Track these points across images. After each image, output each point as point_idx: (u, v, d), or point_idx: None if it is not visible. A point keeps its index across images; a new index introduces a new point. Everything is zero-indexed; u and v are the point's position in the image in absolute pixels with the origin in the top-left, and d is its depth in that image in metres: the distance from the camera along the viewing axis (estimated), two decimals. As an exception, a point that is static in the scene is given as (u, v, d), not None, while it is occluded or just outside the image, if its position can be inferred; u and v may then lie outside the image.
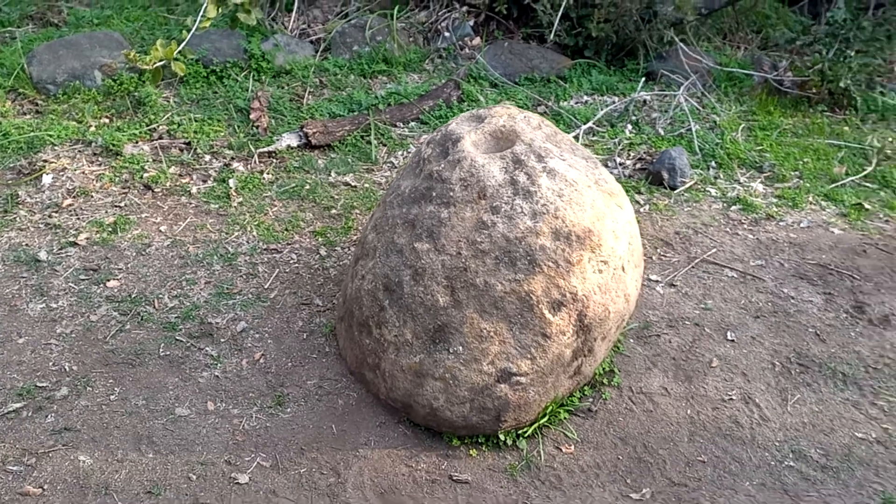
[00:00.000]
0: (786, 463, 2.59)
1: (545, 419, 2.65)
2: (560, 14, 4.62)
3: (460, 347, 2.50)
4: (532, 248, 2.43)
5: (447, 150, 2.66)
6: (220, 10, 4.14)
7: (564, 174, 2.51)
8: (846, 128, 4.37)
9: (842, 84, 4.36)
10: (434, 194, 2.58)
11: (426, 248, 2.53)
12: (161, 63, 4.00)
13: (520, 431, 2.64)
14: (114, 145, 4.00)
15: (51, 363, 2.91)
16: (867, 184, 3.95)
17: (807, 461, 2.59)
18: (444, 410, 2.56)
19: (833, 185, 3.90)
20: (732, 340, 3.02)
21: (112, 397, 2.80)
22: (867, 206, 3.77)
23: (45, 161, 3.90)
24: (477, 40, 4.78)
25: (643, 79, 4.61)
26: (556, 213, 2.44)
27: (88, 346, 2.99)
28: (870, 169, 4.03)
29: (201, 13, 4.03)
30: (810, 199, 3.82)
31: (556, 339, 2.49)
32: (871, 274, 3.33)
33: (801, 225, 3.63)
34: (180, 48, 3.98)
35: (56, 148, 4.00)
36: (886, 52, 4.49)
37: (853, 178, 3.97)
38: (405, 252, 2.57)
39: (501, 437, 2.61)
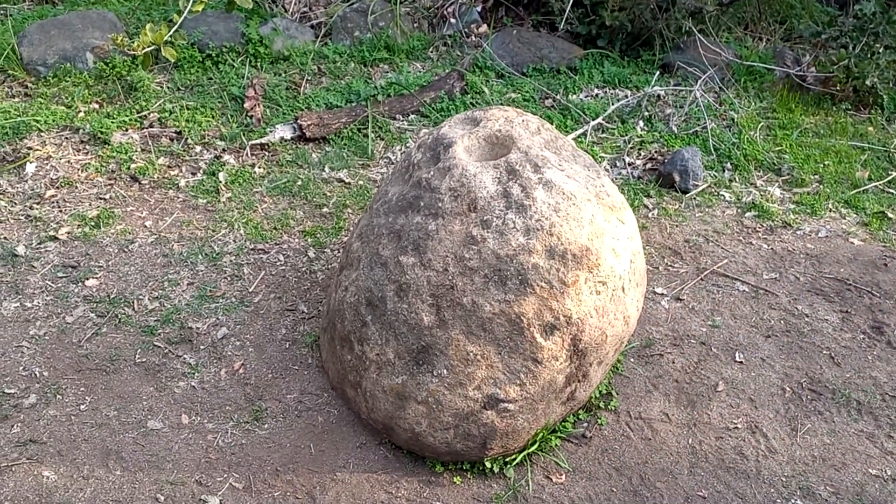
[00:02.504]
0: (792, 501, 2.41)
1: (535, 446, 2.49)
2: (572, 1, 4.40)
3: (445, 370, 2.33)
4: (524, 268, 2.26)
5: (438, 156, 2.48)
6: (214, -8, 3.95)
7: (562, 186, 2.33)
8: (871, 128, 4.14)
9: (868, 82, 4.13)
10: (422, 204, 2.40)
11: (412, 262, 2.35)
12: (151, 48, 3.83)
13: (507, 459, 2.47)
14: (102, 133, 3.84)
15: (21, 368, 2.77)
16: (891, 190, 3.73)
17: (815, 499, 2.42)
18: (427, 436, 2.40)
19: (855, 191, 3.69)
20: (741, 362, 2.83)
21: (82, 407, 2.66)
22: (890, 214, 3.56)
23: (30, 148, 3.75)
24: (484, 27, 4.56)
25: (658, 72, 4.39)
26: (550, 230, 2.26)
27: (61, 350, 2.85)
28: (895, 174, 3.80)
29: (194, -4, 3.85)
30: (830, 205, 3.60)
31: (548, 365, 2.32)
32: (891, 291, 3.13)
33: (820, 234, 3.42)
34: (171, 32, 3.80)
35: (42, 134, 3.85)
36: (917, 47, 4.25)
37: (876, 183, 3.76)
38: (389, 265, 2.40)
39: (488, 464, 2.45)
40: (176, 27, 3.81)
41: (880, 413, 2.67)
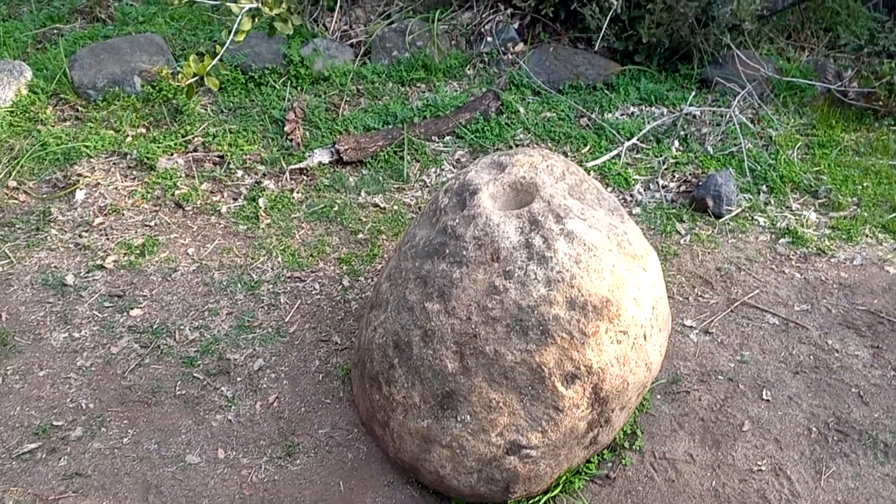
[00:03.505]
0: (814, 547, 2.43)
1: (558, 489, 2.54)
2: (609, 18, 4.38)
3: (468, 416, 2.40)
4: (545, 318, 2.30)
5: (464, 202, 2.53)
6: (255, 20, 4.04)
7: (583, 238, 2.36)
8: (915, 146, 4.06)
9: (912, 98, 4.05)
10: (447, 251, 2.46)
11: (437, 308, 2.42)
12: (194, 79, 3.93)
13: (531, 501, 2.53)
14: (148, 158, 3.97)
15: (69, 399, 2.92)
16: (933, 212, 3.67)
17: (838, 546, 2.43)
18: (451, 479, 2.47)
19: (893, 215, 3.63)
20: (768, 400, 2.84)
21: (125, 440, 2.80)
22: (931, 240, 3.51)
23: (80, 175, 3.90)
24: (521, 45, 4.58)
25: (696, 88, 4.35)
26: (571, 282, 2.30)
27: (107, 382, 2.99)
28: (937, 196, 3.74)
29: (236, 26, 3.94)
30: (867, 230, 3.56)
31: (569, 413, 2.37)
32: (927, 324, 3.10)
33: (854, 262, 3.39)
34: (213, 63, 3.90)
35: (92, 160, 3.99)
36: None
37: (918, 206, 3.70)
38: (416, 311, 2.47)
39: (511, 506, 2.52)
40: (217, 58, 3.91)
41: (909, 455, 2.66)
